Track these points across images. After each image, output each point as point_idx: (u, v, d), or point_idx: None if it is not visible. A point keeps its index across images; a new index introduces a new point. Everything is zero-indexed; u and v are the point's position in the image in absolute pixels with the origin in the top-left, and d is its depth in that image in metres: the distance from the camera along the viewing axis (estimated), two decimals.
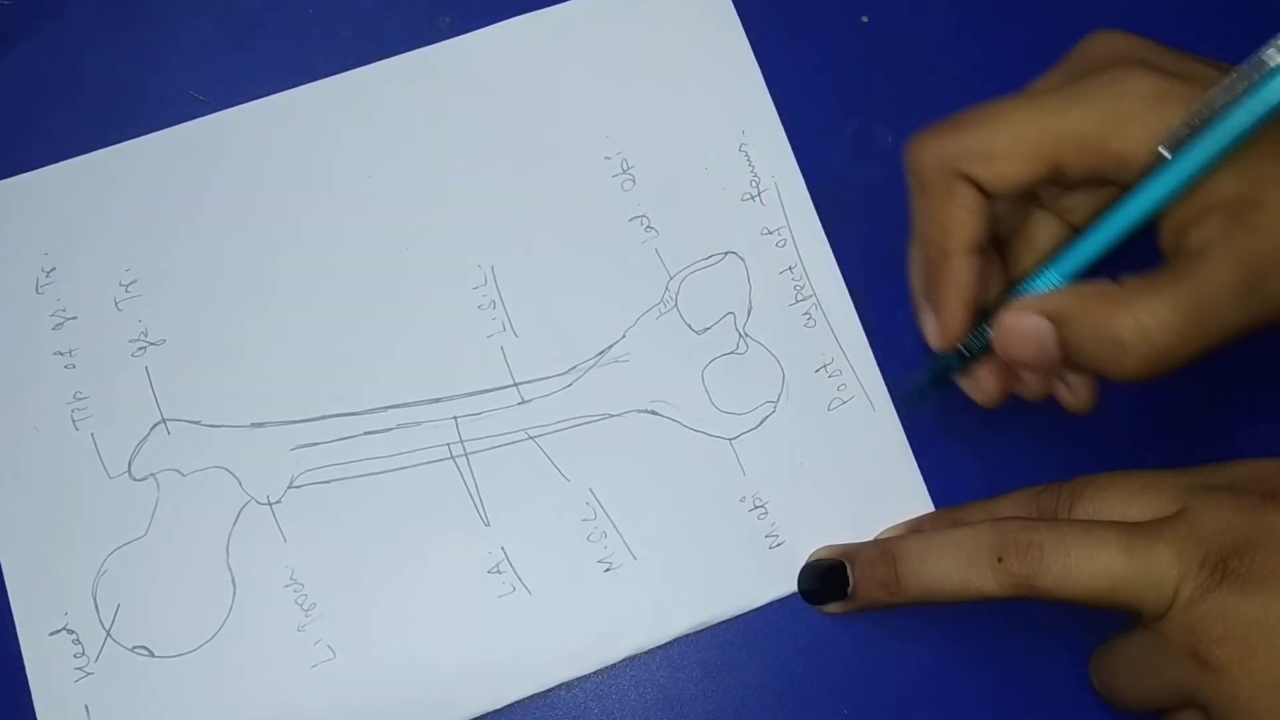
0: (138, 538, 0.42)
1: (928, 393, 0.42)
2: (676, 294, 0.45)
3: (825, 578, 0.41)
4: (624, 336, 0.44)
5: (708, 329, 0.44)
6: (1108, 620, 0.38)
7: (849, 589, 0.41)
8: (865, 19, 0.48)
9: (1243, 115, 0.34)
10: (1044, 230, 0.40)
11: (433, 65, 0.46)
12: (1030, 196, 0.39)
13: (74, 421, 0.43)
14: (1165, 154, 0.34)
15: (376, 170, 0.45)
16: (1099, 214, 0.36)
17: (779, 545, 0.43)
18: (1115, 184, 0.36)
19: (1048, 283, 0.37)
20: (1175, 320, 0.34)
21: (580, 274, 0.45)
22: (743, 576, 0.42)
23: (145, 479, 0.43)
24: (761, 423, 0.44)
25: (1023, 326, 0.36)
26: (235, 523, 0.42)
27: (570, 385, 0.44)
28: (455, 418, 0.43)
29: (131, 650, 0.41)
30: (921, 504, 0.43)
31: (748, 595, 0.42)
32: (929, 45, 0.47)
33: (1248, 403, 0.44)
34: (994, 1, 0.48)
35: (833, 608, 0.42)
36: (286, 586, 0.42)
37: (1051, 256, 0.37)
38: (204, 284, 0.44)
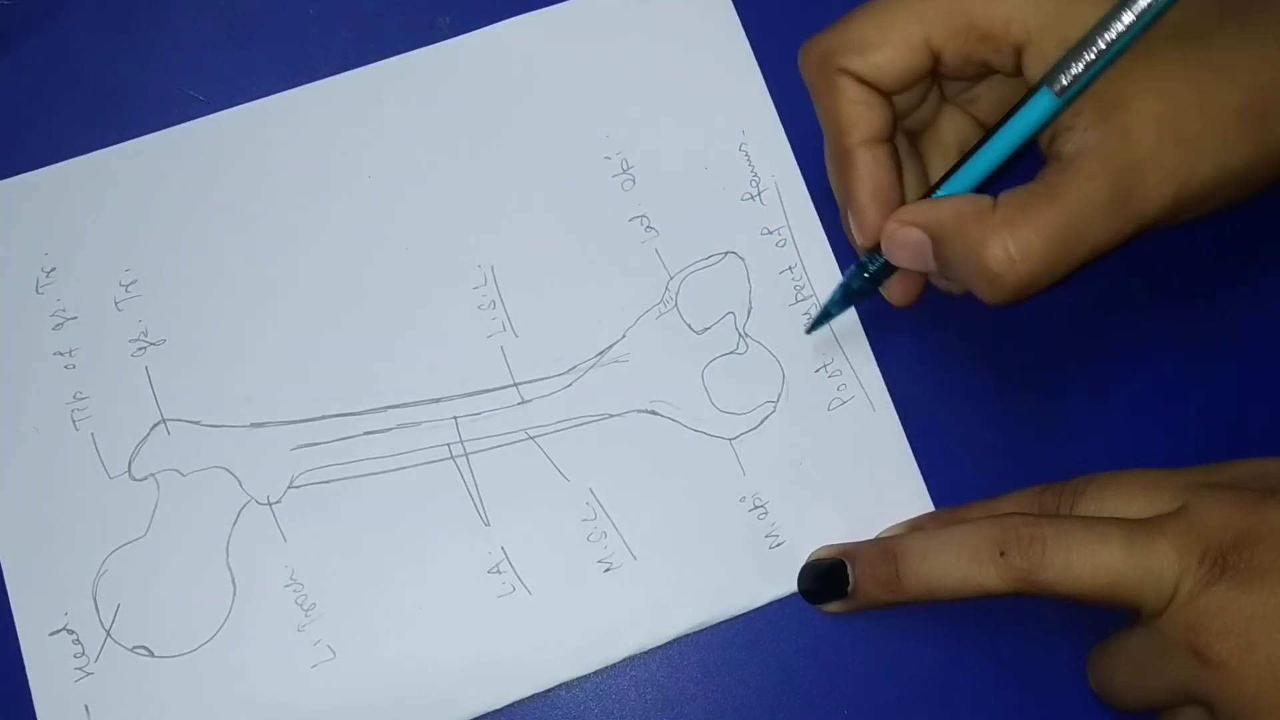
0: (138, 538, 0.42)
1: (832, 311, 0.42)
2: (676, 294, 0.45)
3: (825, 577, 0.41)
4: (624, 336, 0.44)
5: (708, 329, 0.44)
6: (1107, 619, 0.38)
7: (849, 588, 0.41)
8: None
9: (1122, 28, 0.34)
10: (951, 127, 0.41)
11: (433, 65, 0.46)
12: (936, 91, 0.40)
13: (74, 421, 0.43)
14: (1051, 87, 0.35)
15: (376, 170, 0.45)
16: (994, 125, 0.37)
17: (779, 545, 0.43)
18: (995, 69, 0.37)
19: (953, 188, 0.38)
20: (1041, 249, 0.35)
21: (580, 274, 0.45)
22: (743, 576, 0.42)
23: (145, 479, 0.43)
24: (761, 423, 0.44)
25: (902, 237, 0.38)
26: (235, 523, 0.42)
27: (570, 385, 0.44)
28: (455, 418, 0.43)
29: (131, 650, 0.41)
30: (921, 504, 0.43)
31: (748, 595, 0.42)
32: None
33: (1248, 404, 0.44)
34: None
35: (833, 607, 0.42)
36: (286, 586, 0.42)
37: (955, 168, 0.38)
38: (204, 284, 0.44)
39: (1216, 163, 0.35)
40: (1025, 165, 0.37)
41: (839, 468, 0.43)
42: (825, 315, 0.42)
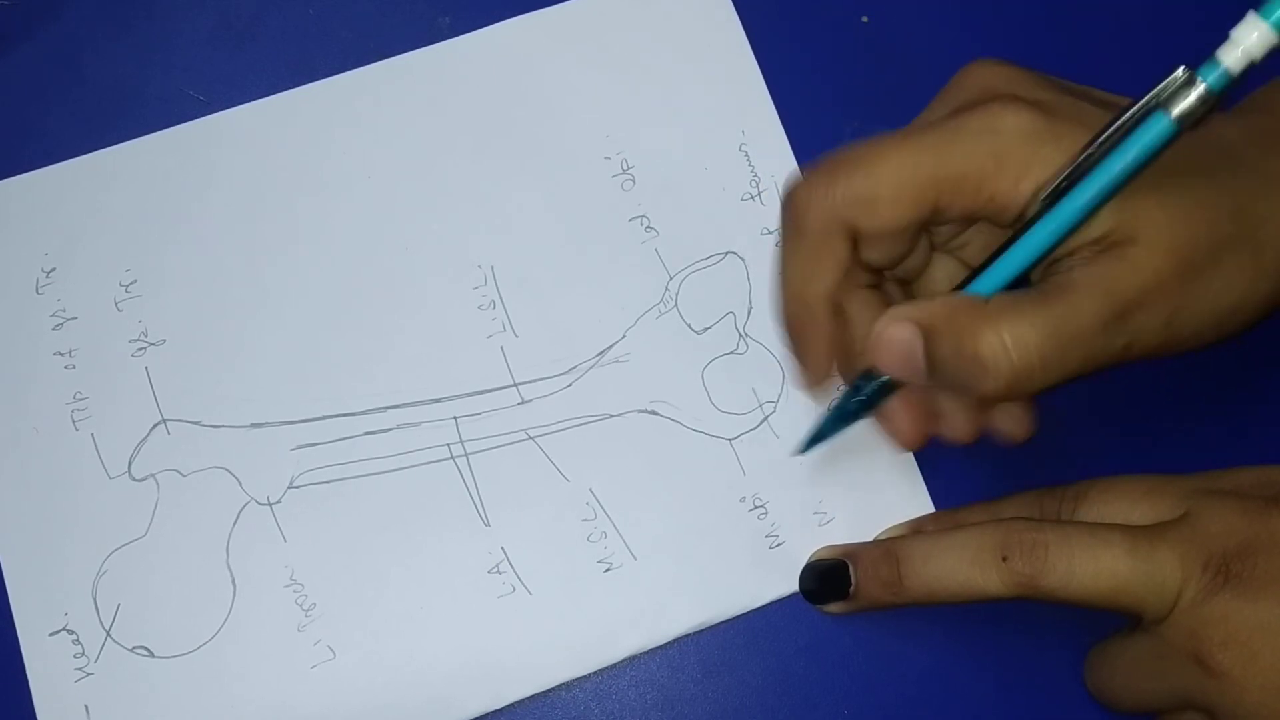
0: (138, 538, 0.42)
1: (824, 433, 0.40)
2: (676, 294, 0.45)
3: (827, 578, 0.41)
4: (624, 336, 0.44)
5: (708, 329, 0.44)
6: (1107, 622, 0.38)
7: (851, 589, 0.40)
8: (865, 19, 0.48)
9: (1117, 162, 0.33)
10: (943, 273, 0.40)
11: (433, 65, 0.46)
12: (925, 239, 0.39)
13: (74, 422, 0.43)
14: (1042, 203, 0.34)
15: (376, 170, 0.45)
16: (988, 257, 0.36)
17: (779, 545, 0.43)
18: (993, 223, 0.36)
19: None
20: (1036, 343, 0.34)
21: (580, 274, 0.45)
22: (743, 576, 0.42)
23: (145, 479, 0.43)
24: (761, 423, 0.44)
25: (891, 335, 0.36)
26: (235, 523, 0.42)
27: (570, 385, 0.44)
28: (455, 418, 0.43)
29: (131, 650, 0.41)
30: (922, 504, 0.43)
31: (748, 595, 0.42)
32: (929, 45, 0.47)
33: (1250, 409, 0.44)
34: (994, 1, 0.48)
35: (834, 608, 0.42)
36: (286, 587, 0.42)
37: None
38: (204, 284, 0.44)
39: (1217, 287, 0.35)
40: None
41: (839, 468, 0.43)
42: (816, 438, 0.40)
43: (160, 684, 0.41)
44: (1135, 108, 0.33)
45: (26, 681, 0.41)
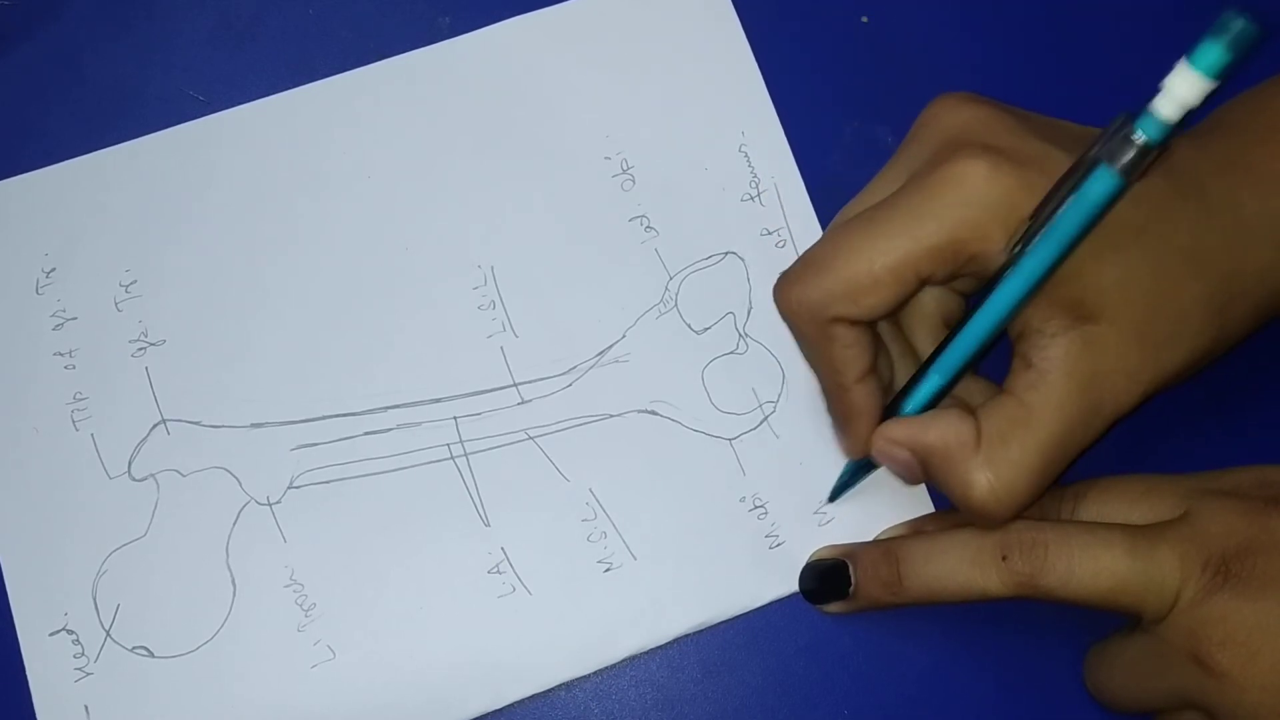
0: (137, 538, 0.42)
1: (848, 487, 0.43)
2: (676, 294, 0.45)
3: (827, 577, 0.41)
4: (624, 337, 0.44)
5: (708, 329, 0.44)
6: (1107, 621, 0.38)
7: (851, 589, 0.41)
8: (865, 19, 0.48)
9: (1070, 218, 0.34)
10: (933, 300, 0.41)
11: (433, 65, 0.46)
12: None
13: (74, 422, 0.43)
14: (1011, 257, 0.35)
15: (376, 171, 0.45)
16: (968, 312, 0.37)
17: (779, 545, 0.43)
18: (980, 276, 0.37)
19: (931, 386, 0.38)
20: (1025, 481, 0.36)
21: (580, 274, 0.45)
22: (743, 576, 0.42)
23: (145, 479, 0.43)
24: (761, 423, 0.44)
25: (890, 453, 0.38)
26: (235, 523, 0.42)
27: (570, 385, 0.44)
28: (455, 418, 0.43)
29: (131, 650, 0.41)
30: (921, 505, 0.43)
31: (748, 595, 0.42)
32: (929, 45, 0.47)
33: (1250, 409, 0.44)
34: (994, 1, 0.48)
35: (834, 608, 0.42)
36: (286, 587, 0.42)
37: (930, 360, 0.38)
38: (204, 284, 0.44)
39: (1181, 356, 0.36)
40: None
41: (839, 468, 0.43)
42: (843, 488, 0.43)
43: (160, 684, 0.41)
44: (1080, 159, 0.34)
45: (26, 681, 0.41)
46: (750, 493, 0.43)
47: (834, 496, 0.43)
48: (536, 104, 0.46)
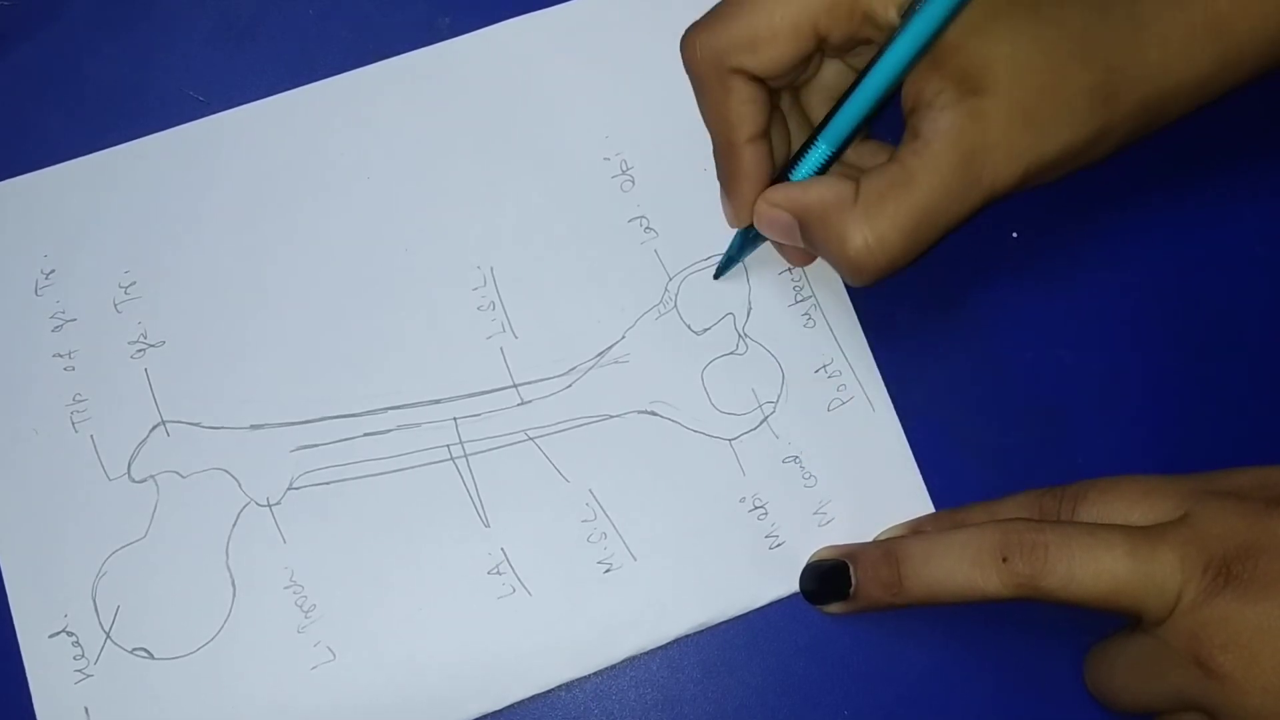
0: (137, 539, 0.42)
1: (734, 261, 0.44)
2: (676, 294, 0.45)
3: (827, 578, 0.41)
4: (623, 337, 0.44)
5: (707, 329, 0.44)
6: (1107, 622, 0.38)
7: (851, 589, 0.40)
8: None
9: None
10: (833, 74, 0.42)
11: (432, 66, 0.46)
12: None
13: (73, 423, 0.43)
14: (898, 20, 0.36)
15: (376, 171, 0.45)
16: (856, 79, 0.38)
17: (779, 545, 0.43)
18: (876, 42, 0.38)
19: (819, 154, 0.39)
20: (898, 238, 0.37)
21: (580, 275, 0.45)
22: (743, 577, 0.42)
23: (145, 481, 0.43)
24: (761, 423, 0.44)
25: (771, 216, 0.40)
26: (235, 524, 0.42)
27: (570, 386, 0.44)
28: (455, 419, 0.43)
29: (131, 652, 0.41)
30: (921, 504, 0.43)
31: (748, 595, 0.42)
32: None
33: (1250, 409, 0.44)
34: None
35: (834, 608, 0.42)
36: (286, 588, 0.42)
37: (819, 127, 0.39)
38: (203, 286, 0.44)
39: (1063, 141, 0.37)
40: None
41: (839, 469, 0.43)
42: (730, 261, 0.44)
43: (160, 685, 0.41)
44: None
45: (26, 683, 0.41)
46: (750, 493, 0.43)
47: (720, 272, 0.44)
48: (536, 104, 0.46)
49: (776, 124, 0.41)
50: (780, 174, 0.41)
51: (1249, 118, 0.45)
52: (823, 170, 0.40)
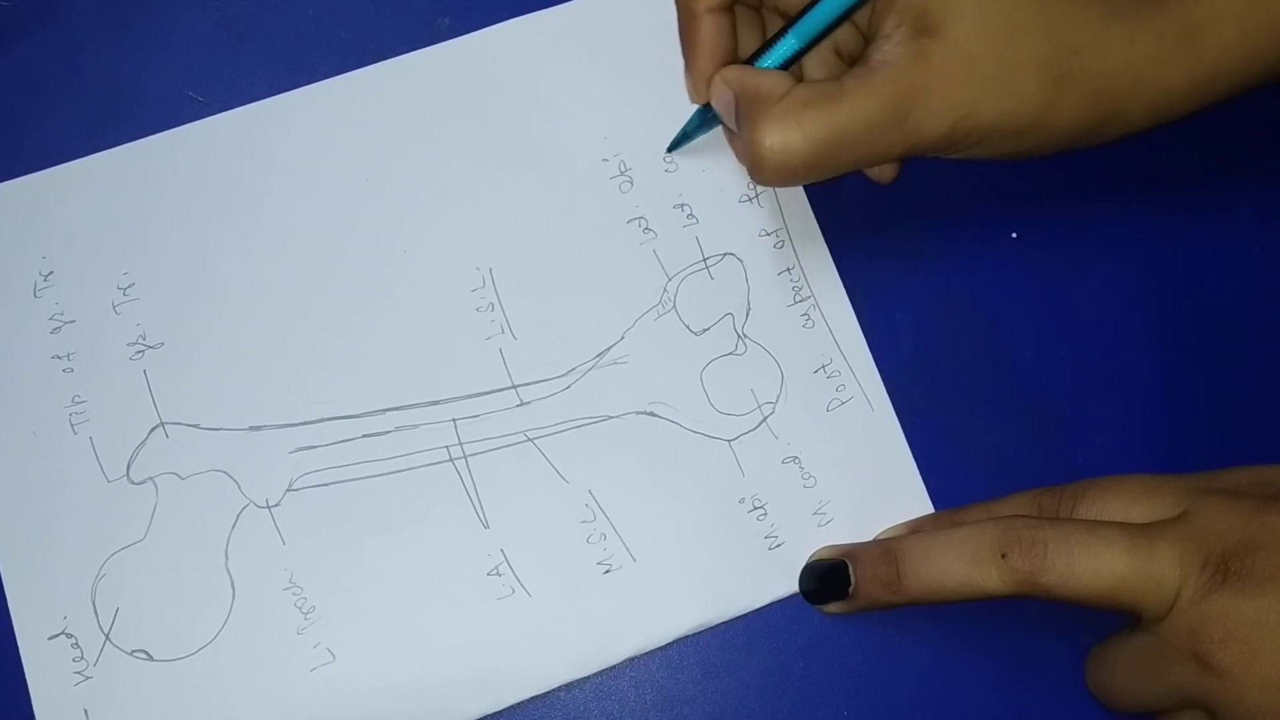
0: (136, 541, 0.42)
1: (689, 137, 0.45)
2: (675, 295, 0.45)
3: (827, 578, 0.41)
4: (622, 338, 0.44)
5: (706, 330, 0.44)
6: (1107, 621, 0.38)
7: (850, 589, 0.40)
8: None
9: None
10: None
11: (432, 66, 0.46)
12: None
13: (72, 425, 0.43)
14: None
15: (375, 172, 0.45)
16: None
17: (779, 546, 0.43)
18: None
19: (787, 47, 0.41)
20: (804, 149, 0.37)
21: (578, 276, 0.45)
22: (743, 577, 0.42)
23: (144, 482, 0.43)
24: (760, 424, 0.44)
25: (719, 92, 0.41)
26: (234, 526, 0.42)
27: (569, 387, 0.44)
28: (454, 420, 0.43)
29: (130, 654, 0.41)
30: (921, 504, 0.43)
31: (748, 596, 0.42)
32: None
33: (1250, 409, 0.44)
34: None
35: (833, 608, 0.42)
36: (285, 589, 0.42)
37: (791, 20, 0.41)
38: (202, 287, 0.44)
39: (1002, 108, 0.37)
40: None
41: (839, 468, 0.43)
42: (684, 137, 0.45)
43: (159, 687, 0.41)
44: None
45: (25, 685, 0.41)
46: (749, 494, 0.43)
47: (673, 146, 0.45)
48: (535, 105, 0.46)
49: (752, 23, 0.42)
50: (749, 60, 0.42)
51: (1249, 118, 0.45)
52: (787, 65, 0.41)
